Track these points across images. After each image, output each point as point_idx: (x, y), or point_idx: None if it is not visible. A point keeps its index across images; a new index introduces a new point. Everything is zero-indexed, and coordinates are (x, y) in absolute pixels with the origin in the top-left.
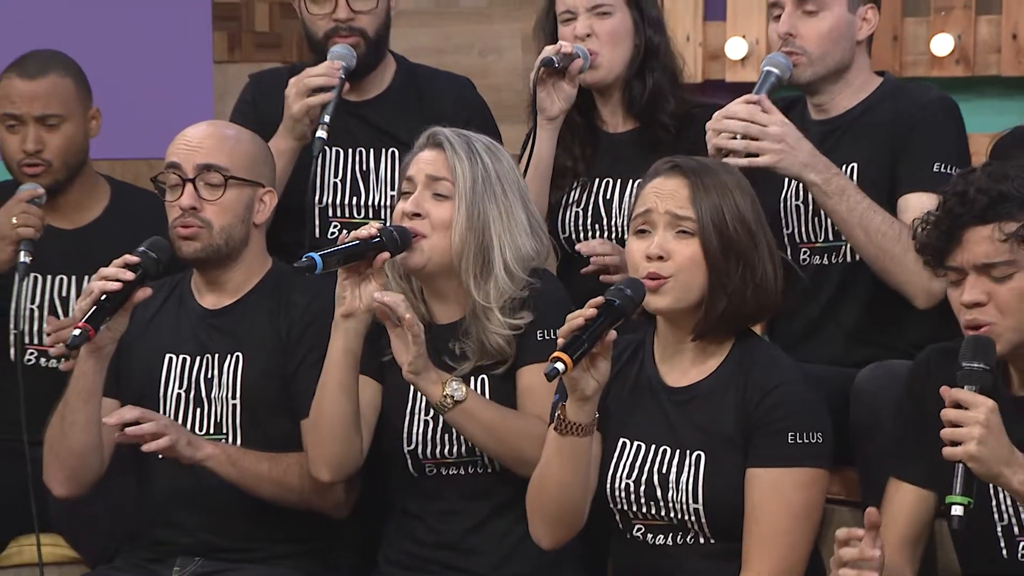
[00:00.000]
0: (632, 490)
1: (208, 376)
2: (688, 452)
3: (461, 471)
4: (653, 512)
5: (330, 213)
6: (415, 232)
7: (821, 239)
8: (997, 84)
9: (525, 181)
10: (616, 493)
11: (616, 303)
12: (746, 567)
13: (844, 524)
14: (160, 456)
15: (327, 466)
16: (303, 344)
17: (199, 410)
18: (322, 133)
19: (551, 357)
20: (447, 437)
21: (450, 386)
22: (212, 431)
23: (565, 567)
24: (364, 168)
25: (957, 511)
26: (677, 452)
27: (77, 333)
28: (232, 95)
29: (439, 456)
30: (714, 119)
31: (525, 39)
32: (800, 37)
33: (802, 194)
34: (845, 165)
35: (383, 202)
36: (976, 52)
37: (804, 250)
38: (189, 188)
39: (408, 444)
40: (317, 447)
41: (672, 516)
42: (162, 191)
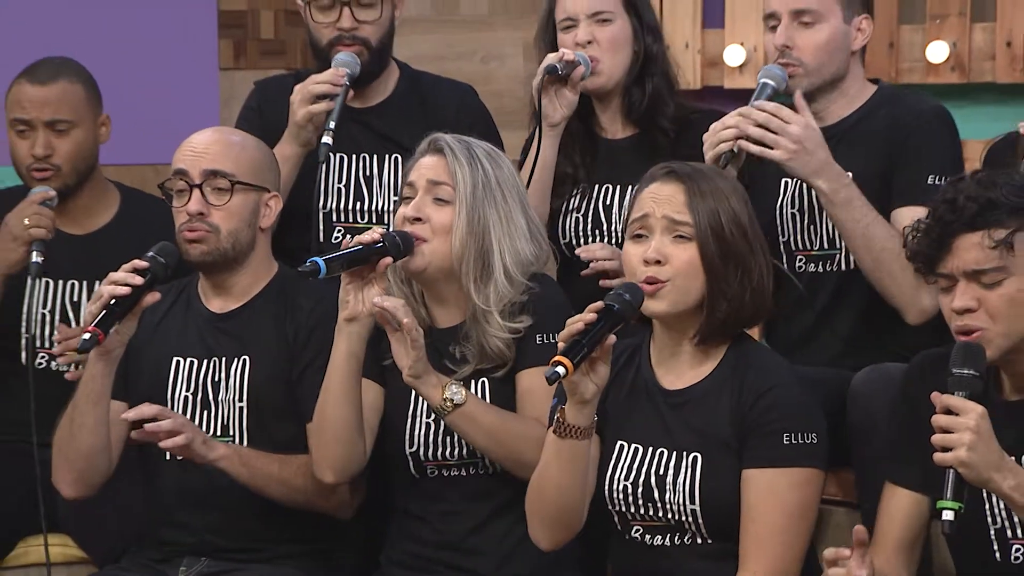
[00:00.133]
0: (630, 492)
1: (215, 379)
2: (684, 454)
3: (462, 472)
4: (651, 513)
5: (334, 218)
6: (416, 236)
7: (816, 247)
8: (991, 91)
9: (528, 187)
10: (614, 495)
11: (616, 308)
12: (743, 566)
13: (840, 525)
14: (178, 457)
15: (331, 468)
16: (309, 348)
17: (206, 412)
18: (327, 139)
19: (551, 361)
20: (448, 439)
21: (450, 390)
22: (219, 433)
23: (565, 567)
24: (368, 174)
25: (948, 516)
26: (674, 454)
27: (87, 337)
28: (237, 102)
29: (440, 458)
30: (711, 130)
31: (526, 46)
32: (797, 48)
33: (797, 202)
34: None
35: (386, 207)
36: (971, 59)
37: (799, 257)
38: (196, 194)
39: (410, 446)
40: (321, 450)
41: (669, 517)
42: (169, 197)
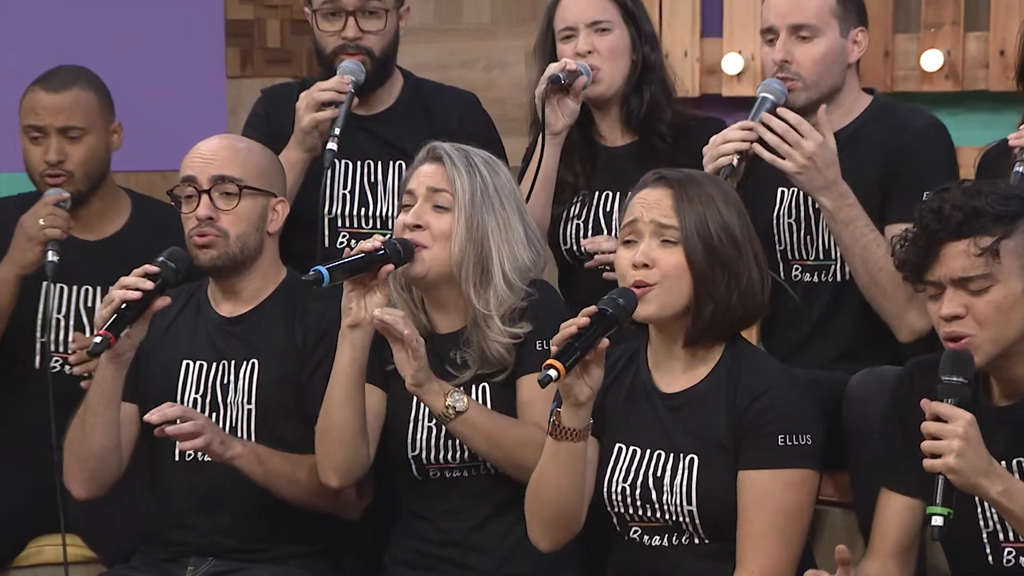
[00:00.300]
0: (628, 493)
1: (224, 382)
2: (682, 456)
3: (464, 474)
4: (649, 514)
5: (339, 224)
6: (416, 243)
7: (813, 257)
8: (985, 99)
9: (530, 195)
10: (613, 496)
11: (608, 312)
12: (740, 566)
13: (836, 525)
14: (187, 457)
15: (335, 472)
16: (318, 352)
17: (215, 414)
18: (333, 145)
19: (544, 364)
20: (450, 443)
21: (452, 397)
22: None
23: (565, 567)
24: (372, 180)
25: (937, 521)
26: (671, 456)
27: (98, 340)
28: (244, 109)
29: (442, 461)
30: (711, 143)
31: (528, 54)
32: (795, 63)
33: (794, 212)
34: None
35: (390, 213)
36: (965, 67)
37: (796, 266)
38: (205, 199)
39: (412, 450)
40: (325, 454)
41: (667, 518)
42: (178, 203)
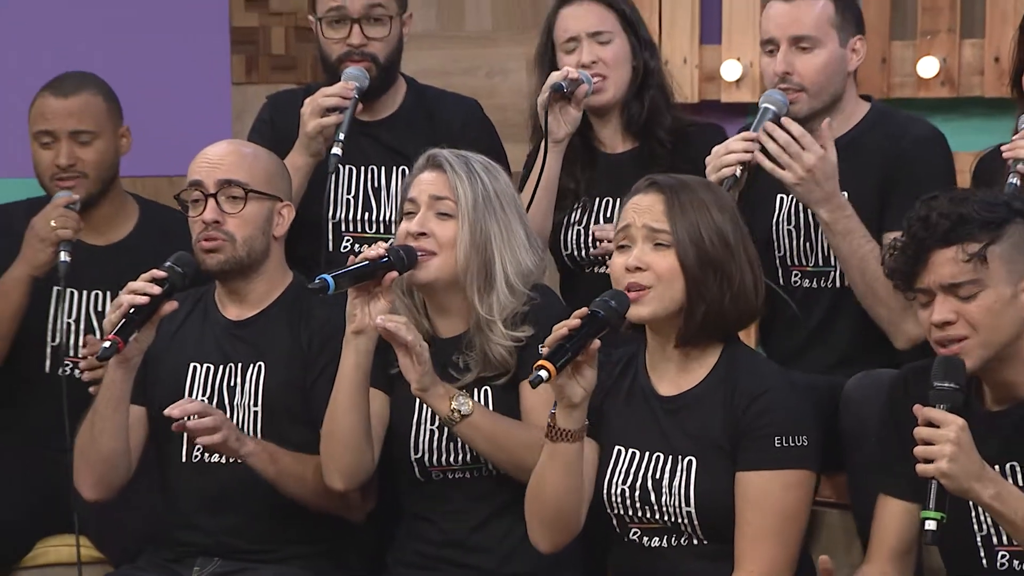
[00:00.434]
0: (627, 495)
1: (231, 384)
2: (680, 458)
3: (466, 475)
4: (648, 516)
5: (343, 228)
6: (422, 250)
7: (812, 263)
8: (980, 105)
9: (533, 201)
10: (612, 498)
11: (600, 314)
12: (738, 566)
13: (834, 526)
14: (194, 457)
15: (340, 475)
16: (323, 356)
17: None
18: (337, 150)
19: (536, 365)
20: (452, 446)
21: (457, 400)
22: None
23: (566, 566)
24: (376, 185)
25: (930, 526)
26: (670, 458)
27: (107, 345)
28: (249, 115)
29: (444, 463)
30: (714, 153)
31: (529, 61)
32: (797, 74)
33: (794, 218)
34: None
35: (393, 218)
36: (960, 74)
37: (795, 272)
38: (211, 203)
39: (415, 452)
40: (330, 457)
41: (666, 519)
42: (185, 208)
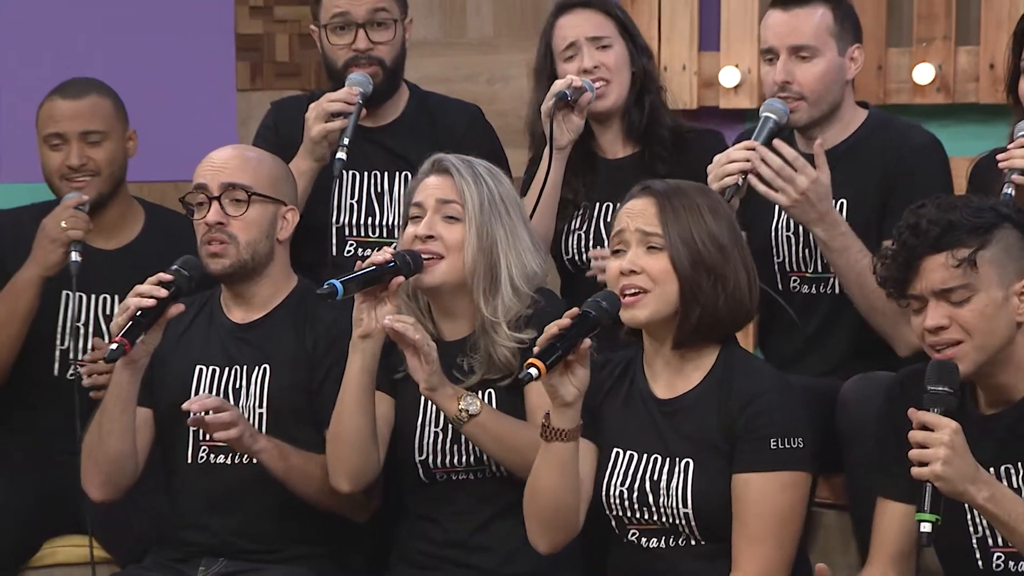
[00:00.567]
0: (626, 497)
1: (236, 386)
2: (677, 460)
3: (469, 477)
4: (646, 517)
5: (347, 232)
6: (430, 254)
7: (811, 269)
8: (975, 111)
9: (536, 207)
10: (611, 500)
11: (591, 314)
12: (735, 567)
13: (831, 526)
14: (201, 455)
15: (346, 477)
16: (329, 358)
17: None
18: (342, 155)
19: (525, 363)
20: (455, 448)
21: (465, 400)
22: None
23: (566, 567)
24: (379, 190)
25: (925, 528)
26: (667, 460)
27: (114, 347)
28: (254, 121)
29: (448, 465)
30: (715, 162)
31: (530, 68)
32: (796, 83)
33: (792, 225)
34: (835, 200)
35: (397, 222)
36: (956, 81)
37: (794, 278)
38: (215, 205)
39: (419, 454)
40: (337, 459)
41: (664, 520)
42: (190, 210)
